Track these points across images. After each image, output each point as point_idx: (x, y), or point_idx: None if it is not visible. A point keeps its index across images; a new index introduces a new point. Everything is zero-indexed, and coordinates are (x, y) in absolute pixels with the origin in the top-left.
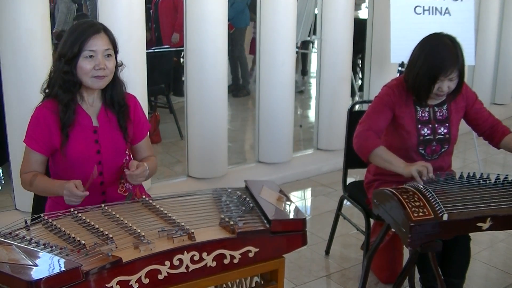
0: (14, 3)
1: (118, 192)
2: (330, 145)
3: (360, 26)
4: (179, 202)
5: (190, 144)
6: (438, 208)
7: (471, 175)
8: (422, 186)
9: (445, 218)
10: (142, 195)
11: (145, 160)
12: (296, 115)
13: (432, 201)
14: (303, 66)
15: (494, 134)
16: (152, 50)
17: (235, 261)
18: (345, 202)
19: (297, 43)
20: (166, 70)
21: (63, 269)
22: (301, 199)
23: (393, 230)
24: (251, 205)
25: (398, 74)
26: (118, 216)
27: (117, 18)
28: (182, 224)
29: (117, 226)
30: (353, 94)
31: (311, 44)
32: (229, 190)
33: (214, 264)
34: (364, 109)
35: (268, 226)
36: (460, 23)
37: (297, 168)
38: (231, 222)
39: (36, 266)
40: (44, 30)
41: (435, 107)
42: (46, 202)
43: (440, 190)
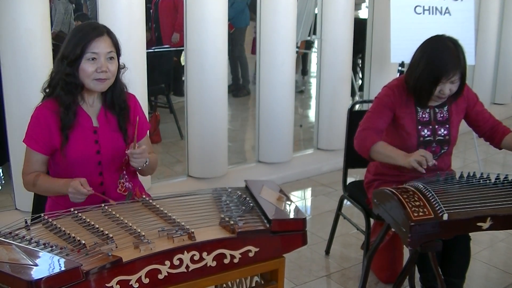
0: (14, 3)
1: (117, 191)
2: (330, 145)
3: (360, 26)
4: (179, 202)
5: (190, 144)
6: (438, 207)
7: (471, 175)
8: (422, 186)
9: (445, 217)
10: (142, 195)
11: None
12: (296, 115)
13: (432, 200)
14: (303, 66)
15: (494, 135)
16: (152, 50)
17: (235, 260)
18: (345, 202)
19: (297, 43)
20: (166, 70)
21: (63, 268)
22: (301, 199)
23: (393, 229)
24: (251, 204)
25: (398, 74)
26: (118, 215)
27: (117, 18)
28: (182, 223)
29: (117, 226)
30: (353, 94)
31: (312, 44)
32: (229, 190)
33: (214, 263)
34: (364, 109)
35: (268, 225)
36: (460, 23)
37: (297, 168)
38: (231, 222)
39: (36, 265)
40: (44, 30)
41: (436, 108)
42: (46, 202)
43: (440, 190)
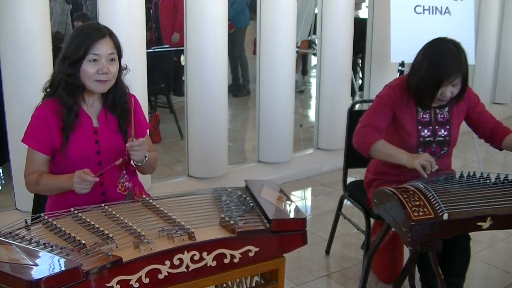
0: (13, 3)
1: (117, 191)
2: (330, 144)
3: (360, 26)
4: (179, 202)
5: (190, 144)
6: (438, 207)
7: (471, 175)
8: (422, 186)
9: (445, 217)
10: (142, 195)
11: None
12: (296, 115)
13: (432, 200)
14: (303, 66)
15: (495, 136)
16: (152, 50)
17: (235, 260)
18: (345, 201)
19: (297, 43)
20: (166, 70)
21: (63, 268)
22: (301, 199)
23: (393, 229)
24: (251, 204)
25: (398, 73)
26: (118, 215)
27: (117, 18)
28: (182, 223)
29: (117, 226)
30: (353, 94)
31: (312, 44)
32: (229, 190)
33: (214, 263)
34: (364, 108)
35: (268, 225)
36: (460, 23)
37: (297, 167)
38: (231, 222)
39: (36, 265)
40: (43, 30)
41: (437, 109)
42: (46, 202)
43: (440, 190)
